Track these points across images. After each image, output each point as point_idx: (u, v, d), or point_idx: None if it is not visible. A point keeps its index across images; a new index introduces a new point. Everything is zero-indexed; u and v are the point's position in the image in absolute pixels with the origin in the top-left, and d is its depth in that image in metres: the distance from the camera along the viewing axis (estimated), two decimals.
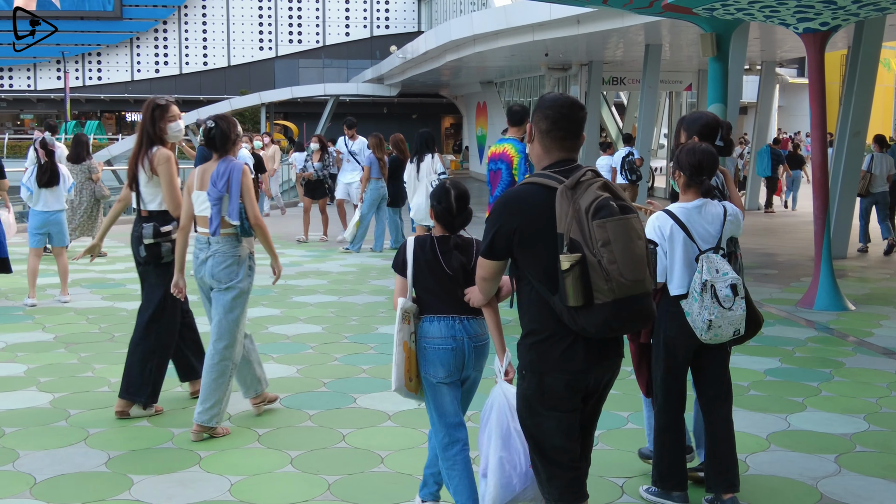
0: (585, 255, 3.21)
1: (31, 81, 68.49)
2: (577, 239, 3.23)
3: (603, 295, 3.20)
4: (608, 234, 3.21)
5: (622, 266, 3.20)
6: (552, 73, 25.13)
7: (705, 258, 4.24)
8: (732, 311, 4.20)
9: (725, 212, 4.37)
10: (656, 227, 4.32)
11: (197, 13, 68.78)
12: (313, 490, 4.62)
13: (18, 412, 5.83)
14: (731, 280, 4.21)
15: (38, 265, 9.57)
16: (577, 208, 3.26)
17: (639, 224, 3.32)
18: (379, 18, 69.99)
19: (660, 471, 4.43)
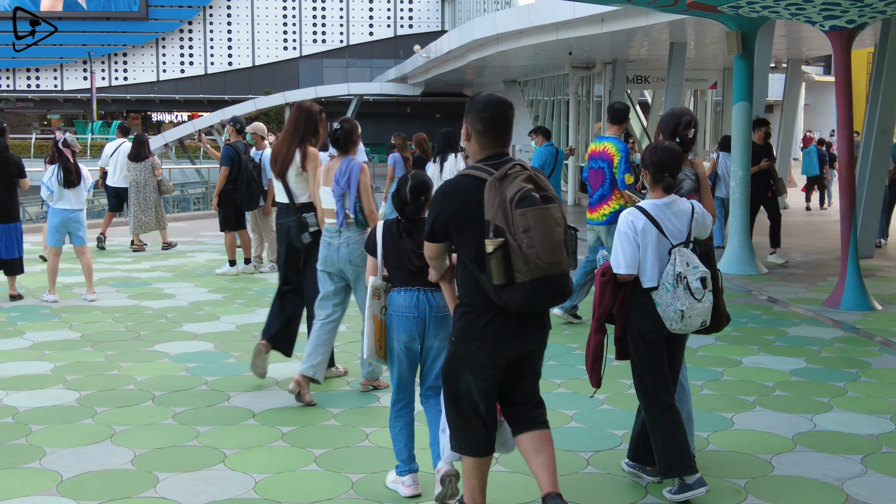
0: (508, 239, 3.67)
1: (58, 82, 69.12)
2: (501, 225, 3.69)
3: (522, 275, 3.67)
4: (528, 221, 3.66)
5: (540, 250, 3.65)
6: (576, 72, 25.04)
7: (677, 251, 4.41)
8: (702, 303, 4.38)
9: (693, 209, 4.56)
10: (629, 223, 4.49)
11: (222, 13, 69.15)
12: (337, 488, 4.63)
13: (45, 410, 5.88)
14: (701, 273, 4.39)
15: (57, 264, 9.65)
16: (503, 198, 3.71)
17: (558, 213, 3.78)
18: (402, 18, 70.10)
19: (667, 461, 4.45)
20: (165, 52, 69.20)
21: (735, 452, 5.18)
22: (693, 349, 7.56)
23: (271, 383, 6.51)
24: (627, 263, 4.45)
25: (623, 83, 23.05)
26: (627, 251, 4.44)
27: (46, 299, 9.46)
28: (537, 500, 4.47)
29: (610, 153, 8.10)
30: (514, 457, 5.04)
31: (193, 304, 9.48)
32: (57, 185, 9.43)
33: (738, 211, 11.88)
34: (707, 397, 6.24)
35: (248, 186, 11.16)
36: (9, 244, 9.43)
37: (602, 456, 5.08)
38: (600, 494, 4.61)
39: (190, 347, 7.58)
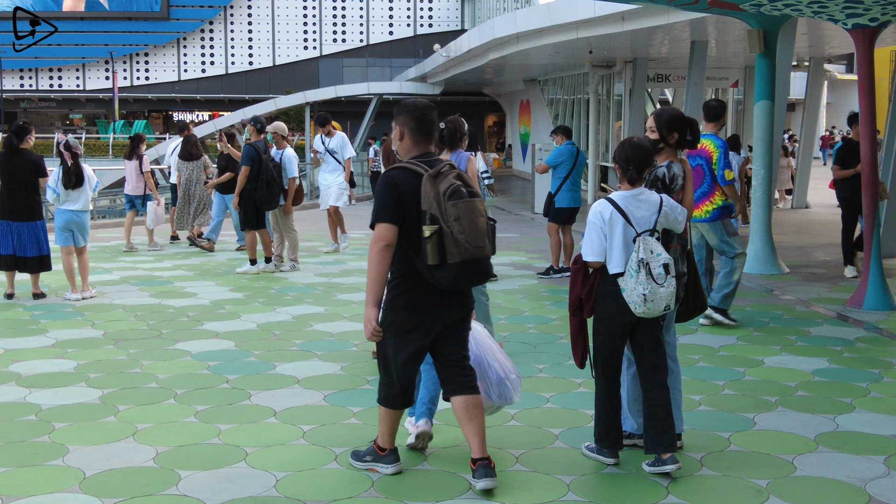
0: (442, 226, 4.36)
1: (80, 81, 69.57)
2: (436, 214, 4.38)
3: (454, 256, 4.37)
4: (459, 211, 4.37)
5: (468, 236, 4.37)
6: (596, 71, 24.97)
7: (641, 240, 4.70)
8: (664, 288, 4.64)
9: (661, 201, 4.82)
10: (598, 213, 4.80)
11: (242, 13, 69.41)
12: (358, 486, 4.64)
13: (68, 407, 5.93)
14: (664, 260, 4.66)
15: (72, 262, 9.72)
16: (437, 191, 4.41)
17: (482, 205, 4.51)
18: (422, 17, 70.13)
19: (599, 431, 4.92)
20: (187, 52, 69.51)
21: (757, 453, 5.15)
22: (714, 349, 7.54)
23: (292, 382, 6.53)
24: (595, 252, 4.79)
25: (644, 82, 22.98)
26: (595, 240, 4.79)
27: (69, 298, 9.53)
28: (557, 500, 4.48)
29: (709, 150, 8.19)
30: (534, 457, 5.06)
31: (215, 302, 9.52)
32: (62, 188, 9.51)
33: (759, 210, 11.82)
34: (729, 397, 6.21)
35: (268, 186, 11.19)
36: (31, 242, 9.50)
37: (623, 456, 5.06)
38: (621, 494, 4.60)
39: (211, 346, 7.61)
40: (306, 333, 8.07)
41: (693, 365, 7.03)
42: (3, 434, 5.41)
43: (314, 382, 6.52)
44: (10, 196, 9.52)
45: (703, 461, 5.00)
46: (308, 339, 7.83)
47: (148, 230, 13.91)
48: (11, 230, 9.47)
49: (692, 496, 4.54)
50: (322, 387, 6.40)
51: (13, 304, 9.40)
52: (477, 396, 4.67)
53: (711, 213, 8.25)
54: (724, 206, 8.29)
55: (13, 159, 9.49)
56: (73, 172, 9.54)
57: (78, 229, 9.71)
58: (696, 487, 4.66)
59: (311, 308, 9.23)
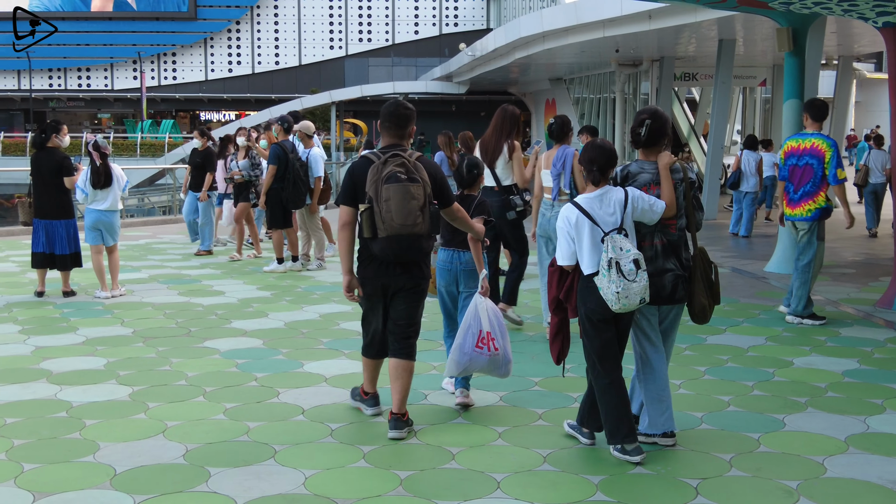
0: (374, 206, 5.12)
1: (108, 81, 70.12)
2: (371, 195, 5.15)
3: (382, 231, 5.13)
4: (390, 193, 5.09)
5: (395, 215, 5.08)
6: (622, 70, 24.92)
7: (609, 239, 4.82)
8: (636, 283, 4.75)
9: (626, 196, 4.93)
10: (564, 218, 5.00)
11: (269, 13, 69.70)
12: (386, 485, 4.66)
13: (99, 405, 5.98)
14: (633, 256, 4.77)
15: (101, 261, 9.80)
16: (378, 176, 5.14)
17: (418, 190, 5.14)
18: (448, 16, 70.13)
19: (609, 427, 4.98)
20: (213, 52, 69.89)
21: (787, 454, 5.12)
22: (743, 349, 7.49)
23: (319, 380, 6.56)
24: (565, 255, 5.01)
25: (670, 80, 22.89)
26: (564, 245, 5.01)
27: (98, 296, 9.62)
28: (586, 500, 4.48)
29: (821, 149, 8.21)
30: (562, 456, 5.05)
31: (242, 300, 9.58)
32: (90, 188, 9.60)
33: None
34: (758, 398, 6.17)
35: (294, 185, 11.23)
36: (62, 240, 9.60)
37: (651, 456, 5.04)
38: (650, 495, 4.57)
39: (239, 344, 7.66)
40: (333, 332, 8.10)
41: (722, 365, 6.99)
42: (34, 431, 5.47)
43: (342, 381, 6.54)
44: (40, 194, 9.64)
45: (732, 462, 4.98)
46: (335, 338, 7.86)
47: (221, 227, 14.24)
48: (44, 228, 9.58)
49: (722, 497, 4.52)
50: (349, 385, 6.40)
51: (44, 301, 9.50)
52: (407, 362, 5.46)
53: (813, 213, 8.32)
54: (826, 209, 8.32)
55: (41, 158, 9.61)
56: (101, 172, 9.62)
57: (106, 229, 9.77)
58: (725, 488, 4.63)
59: (337, 307, 9.25)
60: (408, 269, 5.37)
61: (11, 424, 5.57)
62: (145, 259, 12.77)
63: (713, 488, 4.62)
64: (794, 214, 8.45)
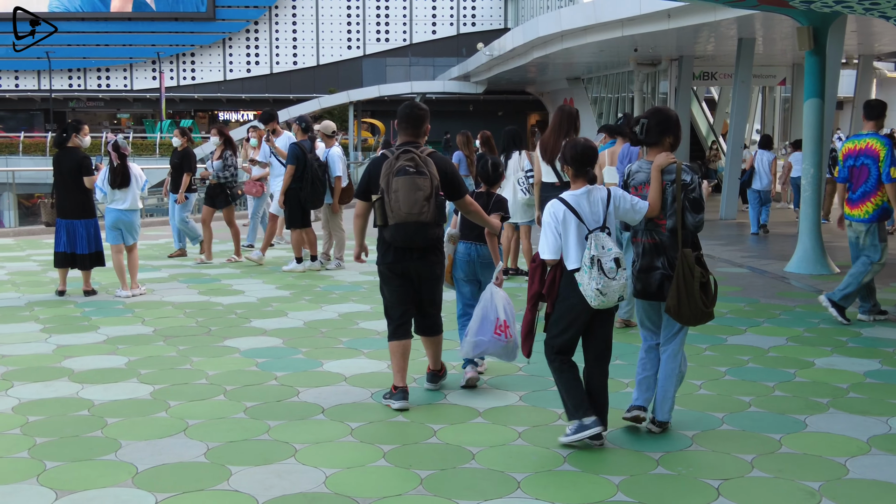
0: (384, 196, 5.67)
1: (128, 81, 70.47)
2: (384, 187, 5.69)
3: (391, 219, 5.67)
4: (398, 184, 5.63)
5: (402, 204, 5.61)
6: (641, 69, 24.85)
7: (593, 236, 4.97)
8: (616, 281, 4.91)
9: (609, 195, 5.09)
10: (552, 213, 5.11)
11: (287, 13, 69.89)
12: (406, 484, 4.66)
13: (120, 403, 6.01)
14: (615, 255, 4.93)
15: (122, 260, 9.86)
16: (390, 170, 5.69)
17: (423, 182, 5.63)
18: (465, 16, 70.13)
19: (568, 405, 5.18)
20: (232, 52, 70.13)
21: (808, 455, 5.09)
22: (764, 350, 7.46)
23: (339, 379, 6.57)
24: (550, 250, 5.10)
25: (689, 80, 22.79)
26: (549, 239, 5.10)
27: (119, 295, 9.67)
28: (606, 500, 4.47)
29: (875, 149, 8.23)
30: (582, 456, 5.04)
31: (262, 300, 9.60)
32: (109, 187, 9.67)
33: (808, 209, 11.67)
34: (779, 399, 6.14)
35: (312, 185, 11.25)
36: (82, 239, 9.66)
37: (672, 457, 5.04)
38: (671, 495, 4.56)
39: (259, 343, 7.68)
40: (352, 331, 8.12)
41: (743, 366, 6.96)
42: (57, 429, 5.50)
43: (361, 380, 6.56)
44: (61, 194, 9.71)
45: (753, 463, 4.96)
46: (354, 337, 7.88)
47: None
48: (65, 228, 9.65)
49: (743, 498, 4.50)
50: (369, 384, 6.43)
51: (65, 300, 9.56)
52: (435, 337, 6.19)
53: (871, 214, 8.33)
54: (885, 208, 8.32)
55: (62, 158, 9.68)
56: (118, 172, 9.69)
57: (126, 228, 9.83)
58: (747, 489, 4.61)
59: (356, 306, 9.27)
60: (423, 255, 5.85)
61: (34, 423, 5.61)
62: (165, 258, 12.82)
63: (734, 489, 4.60)
64: (853, 215, 8.48)
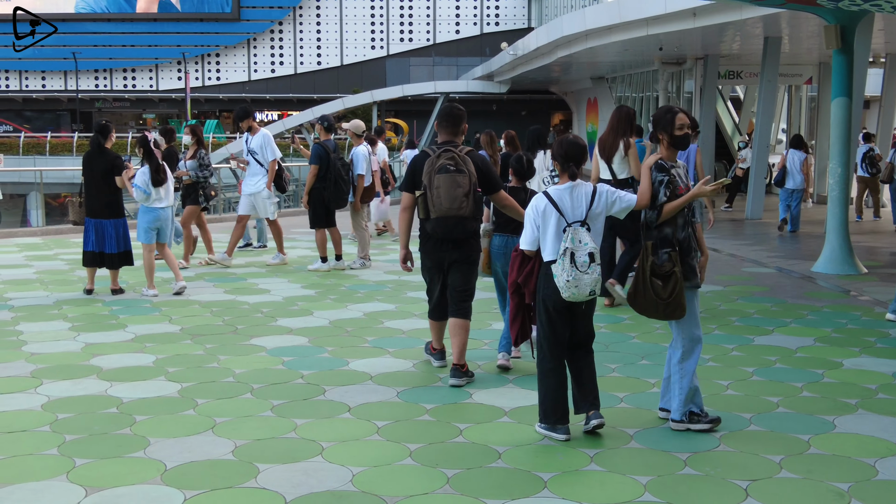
0: (427, 192, 6.19)
1: (154, 82, 70.92)
2: (426, 183, 6.20)
3: (433, 213, 6.20)
4: (439, 181, 6.13)
5: (442, 199, 6.12)
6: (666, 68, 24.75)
7: (571, 230, 5.14)
8: (588, 275, 5.06)
9: (594, 191, 5.24)
10: (534, 206, 5.32)
11: (311, 14, 70.10)
12: (433, 483, 4.67)
13: (149, 401, 6.06)
14: (590, 249, 5.09)
15: (153, 259, 9.96)
16: (432, 168, 6.18)
17: (462, 179, 6.13)
18: (489, 16, 70.07)
19: (545, 408, 5.31)
20: (256, 53, 70.44)
21: (837, 456, 5.06)
22: (792, 350, 7.41)
23: (365, 378, 6.59)
24: (528, 241, 5.36)
25: (715, 79, 22.66)
26: (528, 231, 5.36)
27: (146, 294, 9.74)
28: (633, 500, 4.46)
29: None
30: (609, 456, 5.03)
31: (287, 299, 9.64)
32: (150, 185, 9.73)
33: (836, 209, 11.58)
34: (807, 399, 6.10)
35: (335, 184, 11.28)
36: (111, 239, 9.74)
37: (700, 457, 5.01)
38: (698, 496, 4.54)
39: (285, 341, 7.71)
40: (378, 330, 8.13)
41: (770, 366, 6.92)
42: (86, 426, 5.55)
43: (387, 379, 6.57)
44: (91, 194, 9.79)
45: (782, 463, 4.93)
46: (380, 336, 7.90)
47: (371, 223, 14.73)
48: (94, 227, 9.73)
49: (772, 499, 4.47)
50: (395, 383, 6.44)
51: (92, 299, 9.63)
52: (463, 321, 6.49)
53: None
54: None
55: (93, 158, 9.76)
56: (162, 169, 9.78)
57: (166, 225, 9.96)
58: (775, 490, 4.59)
59: (381, 305, 9.29)
60: (459, 245, 6.38)
61: (63, 420, 5.66)
62: (192, 257, 12.87)
63: (763, 490, 4.57)
64: None
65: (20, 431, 5.44)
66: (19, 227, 21.61)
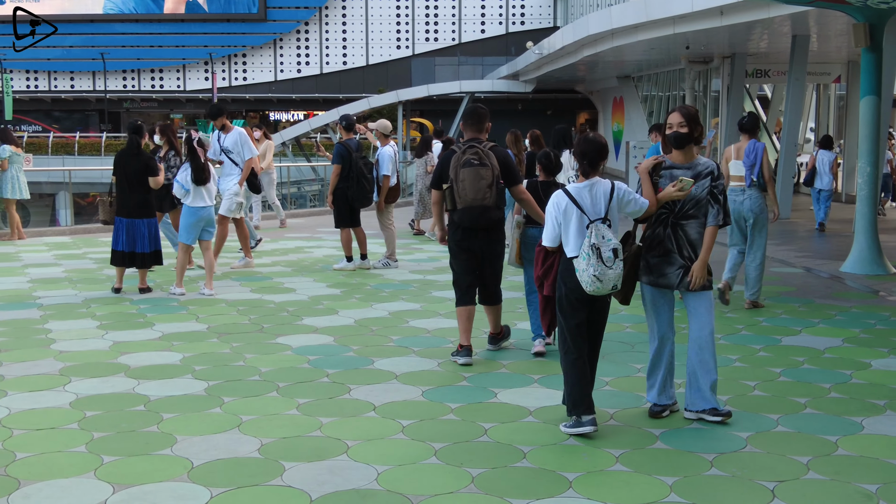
0: (453, 184, 6.78)
1: (181, 82, 71.34)
2: (452, 176, 6.80)
3: (459, 204, 6.78)
4: (464, 175, 6.72)
5: (467, 191, 6.71)
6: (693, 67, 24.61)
7: (594, 226, 5.25)
8: (613, 270, 5.20)
9: (613, 189, 5.36)
10: (555, 204, 5.44)
11: (337, 14, 70.27)
12: (458, 482, 4.67)
13: (175, 399, 6.10)
14: (613, 245, 5.21)
15: (186, 260, 10.05)
16: (458, 162, 6.77)
17: (485, 172, 6.70)
18: (514, 15, 69.96)
19: (573, 399, 5.41)
20: (283, 53, 70.70)
21: (865, 457, 5.02)
22: (820, 351, 7.36)
23: (390, 377, 6.60)
24: (550, 238, 5.49)
25: (742, 78, 22.51)
26: (550, 228, 5.48)
27: (174, 292, 9.81)
28: (659, 501, 4.44)
29: None
30: (634, 457, 5.01)
31: (313, 298, 9.68)
32: (192, 184, 9.80)
33: (864, 209, 11.48)
34: (835, 400, 6.06)
35: (358, 184, 11.31)
36: (143, 238, 9.83)
37: (726, 458, 4.99)
38: (725, 497, 4.51)
39: (311, 340, 7.74)
40: (403, 329, 8.15)
41: (798, 367, 6.88)
42: (113, 424, 5.60)
43: (412, 378, 6.58)
44: (124, 194, 9.87)
45: (809, 465, 4.89)
46: (405, 335, 7.91)
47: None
48: (126, 227, 9.82)
49: (799, 500, 4.44)
50: (420, 382, 6.45)
51: (120, 298, 9.71)
52: (495, 306, 7.23)
53: None
54: None
55: (127, 158, 9.86)
56: (205, 168, 9.86)
57: (208, 224, 10.07)
58: (802, 491, 4.56)
59: (406, 304, 9.30)
60: (487, 234, 6.93)
61: (91, 417, 5.71)
62: (218, 257, 12.95)
63: (790, 491, 4.54)
64: None
65: (49, 429, 5.49)
66: (48, 227, 21.81)
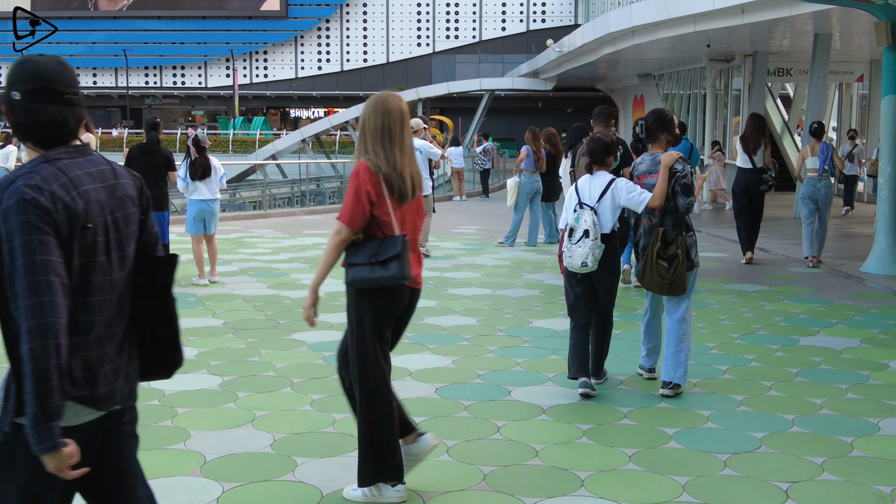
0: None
1: (202, 79, 71.67)
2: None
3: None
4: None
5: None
6: (714, 65, 24.44)
7: (579, 210, 5.94)
8: (579, 248, 5.84)
9: (611, 182, 5.98)
10: (570, 193, 6.12)
11: (358, 11, 70.38)
12: (470, 480, 4.66)
13: (190, 393, 6.13)
14: (585, 227, 5.84)
15: (202, 250, 10.24)
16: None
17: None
18: (535, 12, 69.84)
19: (569, 361, 6.05)
20: (304, 50, 70.90)
21: (881, 459, 4.97)
22: (837, 352, 7.30)
23: (404, 374, 6.60)
24: (563, 221, 6.13)
25: (763, 76, 22.35)
26: (565, 212, 6.13)
27: (197, 282, 10.08)
28: (672, 500, 4.42)
29: None
30: (648, 456, 4.99)
31: (329, 294, 9.67)
32: (190, 179, 10.14)
33: (885, 208, 11.39)
34: (852, 401, 6.01)
35: None
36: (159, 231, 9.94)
37: (740, 458, 4.96)
38: (738, 497, 4.48)
39: (326, 337, 7.75)
40: (418, 326, 8.14)
41: (815, 368, 6.82)
42: None
43: (426, 375, 6.58)
44: None
45: (824, 466, 4.86)
46: (420, 333, 7.91)
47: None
48: None
49: (813, 501, 4.41)
50: (433, 380, 6.45)
51: None
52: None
53: None
54: None
55: (146, 153, 10.01)
56: (199, 165, 10.13)
57: (209, 217, 10.28)
58: (816, 492, 4.52)
59: (422, 302, 9.27)
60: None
61: None
62: (236, 252, 13.03)
63: (804, 492, 4.51)
64: None
65: None
66: None
